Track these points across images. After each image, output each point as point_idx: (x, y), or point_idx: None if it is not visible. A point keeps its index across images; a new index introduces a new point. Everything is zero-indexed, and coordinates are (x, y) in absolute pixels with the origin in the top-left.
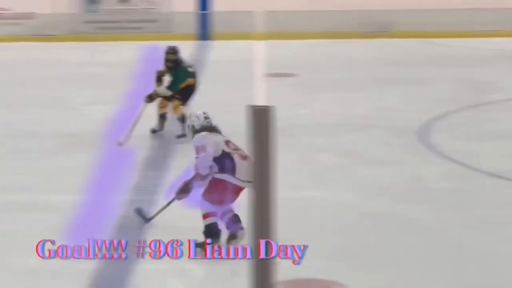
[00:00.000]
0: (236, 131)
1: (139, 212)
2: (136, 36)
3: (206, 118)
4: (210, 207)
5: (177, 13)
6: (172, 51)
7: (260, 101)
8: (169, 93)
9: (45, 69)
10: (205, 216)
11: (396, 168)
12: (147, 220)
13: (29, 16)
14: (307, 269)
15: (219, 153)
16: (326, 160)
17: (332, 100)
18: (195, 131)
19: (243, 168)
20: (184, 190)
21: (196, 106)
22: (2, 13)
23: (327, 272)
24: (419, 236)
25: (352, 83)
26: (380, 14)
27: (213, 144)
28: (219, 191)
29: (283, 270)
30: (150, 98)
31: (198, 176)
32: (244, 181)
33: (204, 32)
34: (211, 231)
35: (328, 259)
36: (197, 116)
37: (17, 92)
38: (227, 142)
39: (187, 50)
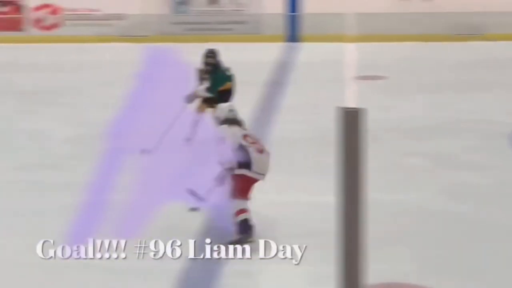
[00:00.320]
0: (325, 133)
1: (192, 192)
2: (225, 37)
3: (231, 111)
4: (240, 204)
5: (266, 15)
6: (211, 55)
7: (350, 103)
8: (208, 94)
9: (134, 70)
10: (237, 213)
11: (486, 173)
12: (200, 199)
13: (119, 17)
14: (397, 274)
15: (236, 145)
16: (415, 164)
17: (422, 103)
18: (219, 123)
19: (259, 162)
20: (222, 179)
21: (285, 108)
22: (91, 14)
23: (417, 276)
24: (510, 243)
25: (442, 86)
26: (471, 16)
27: (230, 136)
28: (242, 186)
29: (374, 273)
30: (190, 98)
31: (224, 168)
32: (259, 174)
33: (293, 34)
34: (244, 227)
35: (417, 263)
36: (222, 109)
37: (107, 93)
38: (245, 136)
39: (275, 52)
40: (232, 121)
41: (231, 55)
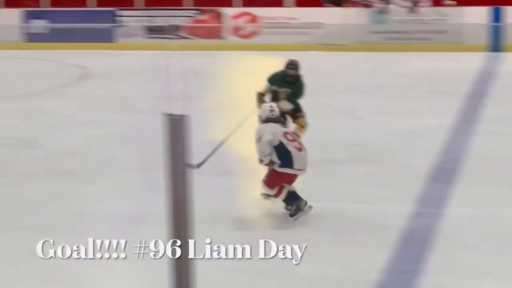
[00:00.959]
0: None
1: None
2: (425, 46)
3: (271, 111)
4: (275, 187)
5: (468, 25)
6: (293, 66)
7: None
8: (290, 106)
9: (332, 79)
10: (277, 195)
11: None
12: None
13: (317, 26)
14: None
15: (276, 142)
16: None
17: None
18: (261, 121)
19: (299, 159)
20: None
21: (487, 120)
22: (290, 23)
23: None
24: None
25: None
26: None
27: (270, 134)
28: (284, 181)
29: None
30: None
31: (262, 162)
32: (299, 170)
33: (496, 44)
34: (292, 198)
35: None
36: (264, 109)
37: (303, 101)
38: (285, 133)
39: (477, 62)
40: (273, 119)
41: (430, 64)
